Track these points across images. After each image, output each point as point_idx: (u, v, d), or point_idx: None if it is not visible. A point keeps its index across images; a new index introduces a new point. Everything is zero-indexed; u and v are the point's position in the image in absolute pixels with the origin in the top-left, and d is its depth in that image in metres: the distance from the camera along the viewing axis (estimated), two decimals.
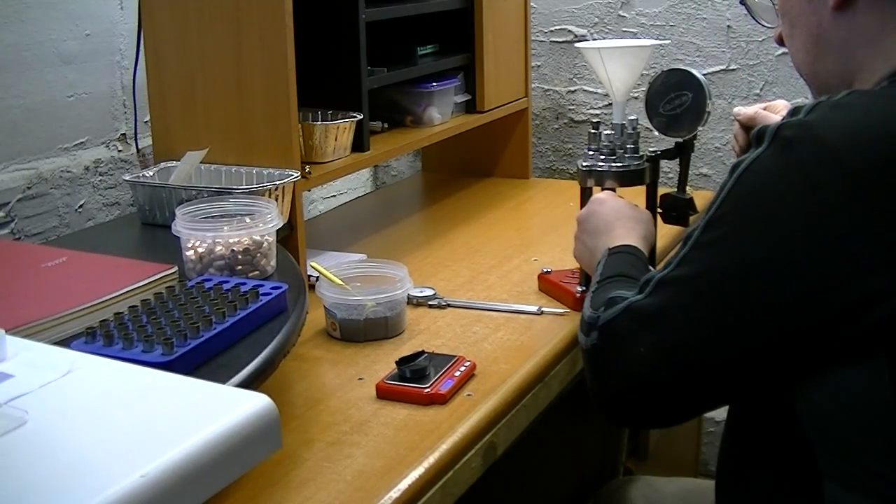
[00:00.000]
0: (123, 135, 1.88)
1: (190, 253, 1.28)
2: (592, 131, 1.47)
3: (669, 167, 2.15)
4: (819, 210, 0.88)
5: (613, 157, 1.45)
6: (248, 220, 1.31)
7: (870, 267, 0.86)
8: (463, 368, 1.27)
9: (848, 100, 0.93)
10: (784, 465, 0.99)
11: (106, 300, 1.12)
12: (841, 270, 0.87)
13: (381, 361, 1.33)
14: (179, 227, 1.28)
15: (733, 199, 0.94)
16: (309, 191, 2.26)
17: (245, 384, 1.00)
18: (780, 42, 1.13)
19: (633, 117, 1.45)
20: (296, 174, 1.50)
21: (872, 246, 0.86)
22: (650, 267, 1.27)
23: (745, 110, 1.41)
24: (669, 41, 2.34)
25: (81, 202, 1.81)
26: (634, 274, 1.20)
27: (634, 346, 0.99)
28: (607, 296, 1.07)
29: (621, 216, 1.35)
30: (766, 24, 1.24)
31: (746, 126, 1.39)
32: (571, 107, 2.50)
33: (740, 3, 1.28)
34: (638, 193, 1.50)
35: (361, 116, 1.66)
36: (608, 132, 1.46)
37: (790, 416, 0.95)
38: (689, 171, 1.48)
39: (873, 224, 0.86)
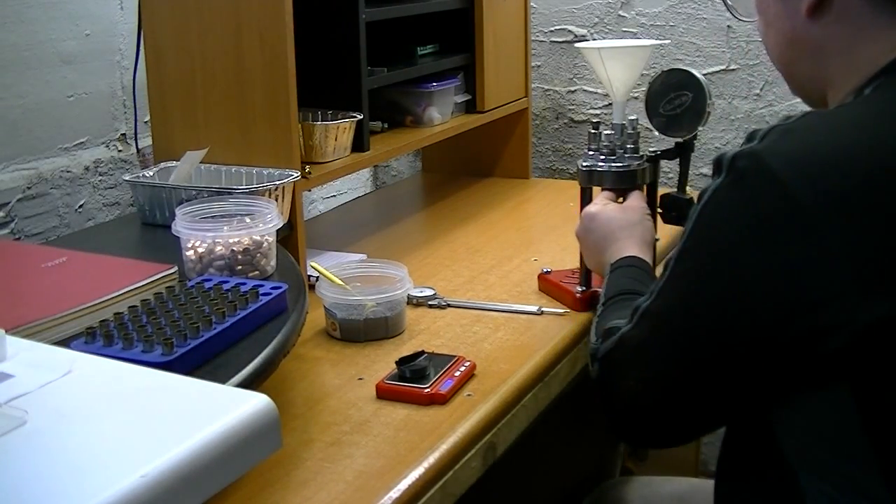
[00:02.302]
0: (123, 135, 1.88)
1: (190, 253, 1.28)
2: (592, 131, 1.46)
3: (669, 167, 2.15)
4: (770, 244, 0.89)
5: (613, 157, 1.45)
6: (248, 220, 1.31)
7: (821, 300, 0.86)
8: (463, 368, 1.27)
9: (801, 124, 0.93)
10: (770, 482, 0.99)
11: (106, 300, 1.12)
12: (793, 305, 0.88)
13: (381, 361, 1.33)
14: (179, 227, 1.28)
15: (696, 231, 0.96)
16: (309, 191, 2.26)
17: (245, 384, 1.00)
18: None
19: (633, 117, 1.45)
20: (296, 174, 1.50)
21: (823, 279, 0.86)
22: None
23: None
24: (669, 41, 2.34)
25: (81, 202, 1.81)
26: (637, 288, 1.22)
27: (626, 376, 1.04)
28: (606, 324, 1.12)
29: (613, 226, 1.36)
30: (741, 18, 1.24)
31: None
32: (571, 107, 2.50)
33: None
34: None
35: (361, 116, 1.66)
36: (608, 132, 1.46)
37: (771, 437, 0.96)
38: (690, 171, 1.48)
39: (823, 257, 0.86)
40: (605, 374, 1.08)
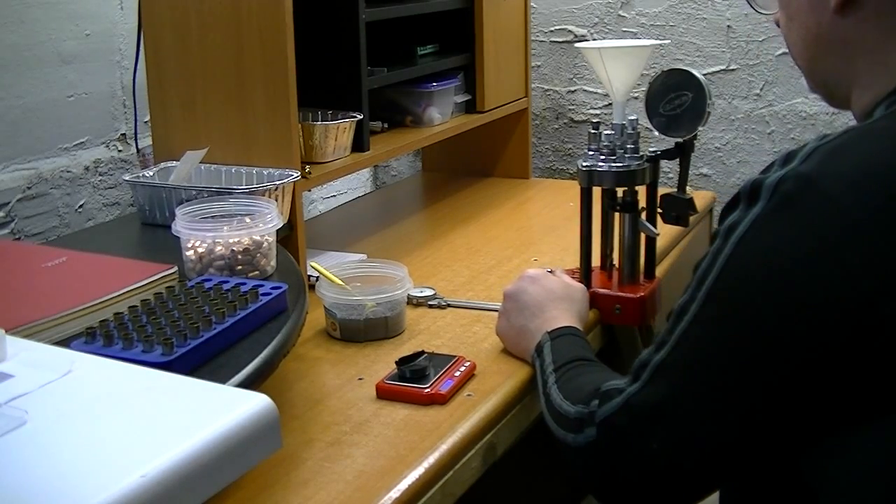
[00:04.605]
0: (123, 135, 1.89)
1: (190, 253, 1.28)
2: (592, 131, 1.46)
3: (669, 167, 2.15)
4: (835, 268, 0.82)
5: (614, 158, 1.45)
6: (248, 220, 1.31)
7: (888, 318, 0.81)
8: (463, 368, 1.27)
9: (845, 141, 0.87)
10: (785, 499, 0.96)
11: (106, 300, 1.12)
12: (862, 327, 0.81)
13: (381, 361, 1.33)
14: (179, 227, 1.28)
15: (735, 267, 0.87)
16: (309, 191, 2.26)
17: (245, 384, 1.00)
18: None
19: (633, 117, 1.45)
20: (296, 174, 1.50)
21: (890, 297, 0.80)
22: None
23: None
24: (669, 41, 2.34)
25: (81, 202, 1.81)
26: (592, 357, 1.18)
27: (644, 442, 0.92)
28: (590, 386, 1.03)
29: (553, 296, 1.34)
30: (761, 10, 1.19)
31: None
32: (571, 107, 2.50)
33: None
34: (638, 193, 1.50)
35: (361, 116, 1.66)
36: (608, 132, 1.46)
37: (794, 468, 0.91)
38: (690, 172, 1.48)
39: (889, 275, 0.81)
40: (608, 440, 0.96)
